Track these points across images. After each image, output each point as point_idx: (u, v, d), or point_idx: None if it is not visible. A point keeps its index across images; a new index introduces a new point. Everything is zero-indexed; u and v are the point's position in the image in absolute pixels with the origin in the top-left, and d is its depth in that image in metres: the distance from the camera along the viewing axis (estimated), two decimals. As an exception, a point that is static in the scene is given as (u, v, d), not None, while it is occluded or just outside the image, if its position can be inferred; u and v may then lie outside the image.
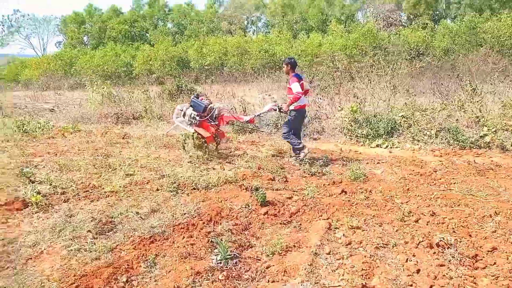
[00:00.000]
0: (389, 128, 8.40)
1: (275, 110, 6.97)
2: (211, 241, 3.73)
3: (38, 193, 4.95)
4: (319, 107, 9.61)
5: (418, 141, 8.15)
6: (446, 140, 7.90)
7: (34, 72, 35.52)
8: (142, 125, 10.71)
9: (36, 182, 5.53)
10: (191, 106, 6.90)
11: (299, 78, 6.53)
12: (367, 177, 5.84)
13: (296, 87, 6.28)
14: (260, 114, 7.34)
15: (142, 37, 42.82)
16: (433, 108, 8.83)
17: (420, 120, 8.55)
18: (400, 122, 8.59)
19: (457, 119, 8.37)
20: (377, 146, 8.05)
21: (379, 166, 6.55)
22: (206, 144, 6.99)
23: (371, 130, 8.36)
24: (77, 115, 11.51)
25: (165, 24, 44.74)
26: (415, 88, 10.61)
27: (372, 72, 9.47)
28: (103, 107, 12.07)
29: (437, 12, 37.61)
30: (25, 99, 18.25)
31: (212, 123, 6.90)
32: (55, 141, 8.54)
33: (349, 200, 4.89)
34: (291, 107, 6.61)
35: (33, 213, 4.49)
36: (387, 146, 7.95)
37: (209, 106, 6.91)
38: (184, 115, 6.89)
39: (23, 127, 9.26)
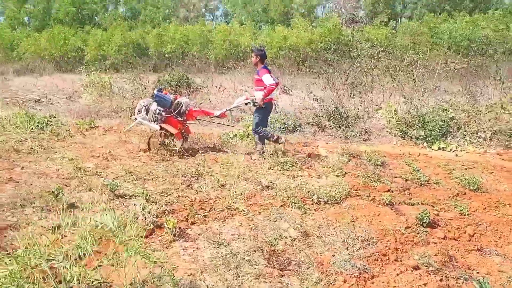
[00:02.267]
0: (444, 130, 8.19)
1: (247, 104, 6.56)
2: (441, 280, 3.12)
3: (149, 213, 3.99)
4: (360, 106, 9.17)
5: (472, 143, 8.03)
6: (504, 143, 7.84)
7: (-32, 53, 31.65)
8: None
9: (125, 197, 4.52)
10: (155, 101, 6.39)
11: (268, 70, 6.26)
12: (480, 186, 5.50)
13: (268, 78, 6.05)
14: (232, 108, 6.87)
15: (91, 21, 39.76)
16: (478, 109, 8.77)
17: (468, 122, 8.44)
18: (450, 124, 8.41)
19: (507, 121, 8.35)
20: (440, 149, 7.79)
21: (473, 173, 6.25)
22: (173, 141, 6.56)
23: (428, 131, 8.08)
24: (77, 108, 10.02)
25: (116, 7, 41.94)
26: (440, 88, 10.56)
27: (413, 71, 9.19)
28: (103, 99, 10.68)
29: (393, 11, 38.86)
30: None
31: (179, 119, 6.51)
32: (83, 140, 7.27)
33: (508, 217, 4.48)
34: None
35: (169, 242, 3.56)
36: (451, 149, 7.71)
37: (175, 101, 6.53)
38: (147, 111, 6.41)
39: (30, 122, 7.80)
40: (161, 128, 6.43)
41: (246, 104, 6.57)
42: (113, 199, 4.45)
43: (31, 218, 3.88)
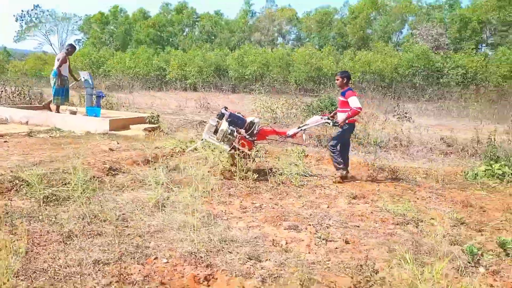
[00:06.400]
0: None
1: (324, 124, 6.42)
2: None
3: None
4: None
5: None
6: None
7: (58, 69, 32.77)
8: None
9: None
10: (227, 121, 5.92)
11: (355, 93, 6.08)
12: None
13: (355, 101, 5.85)
14: (305, 127, 6.43)
15: (169, 42, 40.70)
16: None
17: None
18: None
19: None
20: None
21: None
22: (247, 162, 5.99)
23: None
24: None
25: (192, 31, 42.83)
26: None
27: None
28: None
29: (480, 39, 37.24)
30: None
31: (250, 139, 6.02)
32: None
33: None
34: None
35: None
36: None
37: (249, 120, 6.12)
38: (215, 131, 5.90)
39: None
40: (233, 149, 5.92)
41: (324, 124, 6.47)
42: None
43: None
